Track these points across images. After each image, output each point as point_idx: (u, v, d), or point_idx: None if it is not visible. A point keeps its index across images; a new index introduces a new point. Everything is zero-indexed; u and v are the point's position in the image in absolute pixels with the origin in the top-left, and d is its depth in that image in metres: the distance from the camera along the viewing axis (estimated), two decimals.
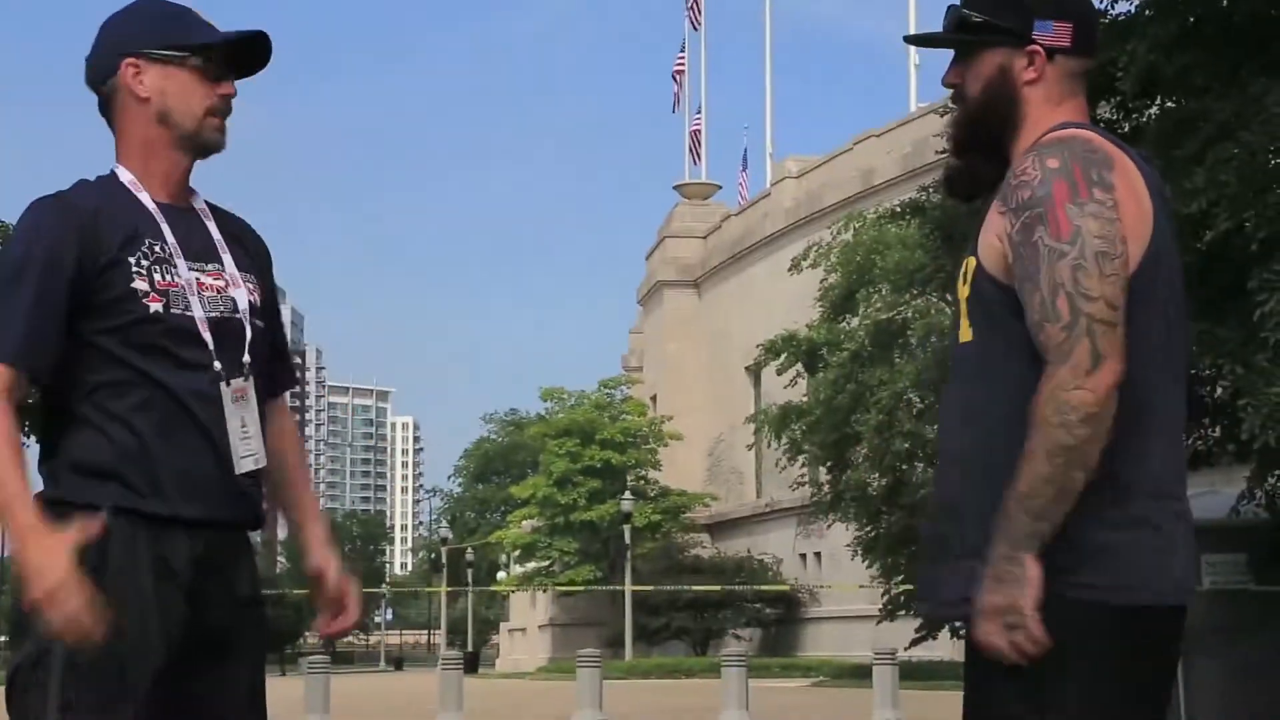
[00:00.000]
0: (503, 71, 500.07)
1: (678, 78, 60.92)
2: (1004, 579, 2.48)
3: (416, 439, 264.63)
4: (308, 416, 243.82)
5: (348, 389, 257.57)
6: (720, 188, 64.63)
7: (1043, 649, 2.47)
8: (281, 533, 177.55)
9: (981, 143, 2.77)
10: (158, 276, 2.83)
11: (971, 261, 2.66)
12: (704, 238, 60.05)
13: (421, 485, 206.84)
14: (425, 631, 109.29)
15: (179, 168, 2.94)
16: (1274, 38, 9.60)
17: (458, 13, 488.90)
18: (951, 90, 2.81)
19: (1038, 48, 2.70)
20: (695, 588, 44.80)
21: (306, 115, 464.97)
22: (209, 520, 2.82)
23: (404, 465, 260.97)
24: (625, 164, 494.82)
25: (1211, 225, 8.89)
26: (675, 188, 63.67)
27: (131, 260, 2.82)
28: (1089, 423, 2.45)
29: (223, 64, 2.93)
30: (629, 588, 43.49)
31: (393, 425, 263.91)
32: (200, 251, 2.92)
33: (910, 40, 2.98)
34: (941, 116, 14.74)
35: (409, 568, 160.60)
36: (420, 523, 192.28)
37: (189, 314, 2.85)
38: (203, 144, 2.94)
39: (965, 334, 2.67)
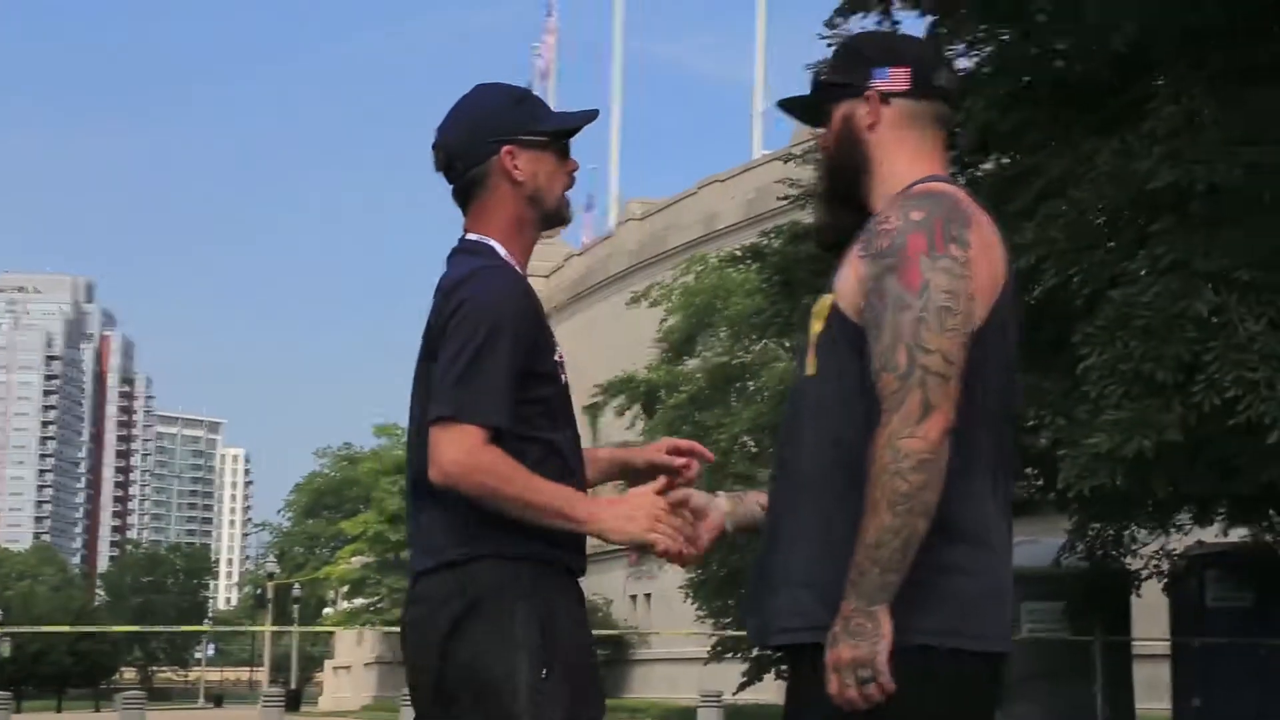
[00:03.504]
0: (343, 96, 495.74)
1: None
2: (857, 632, 2.52)
3: (247, 471, 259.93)
4: (134, 446, 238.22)
5: (177, 419, 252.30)
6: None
7: (886, 698, 2.52)
8: (102, 565, 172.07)
9: (841, 193, 2.87)
10: (557, 348, 3.09)
11: (828, 299, 2.73)
12: (547, 276, 60.05)
13: (250, 519, 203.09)
14: (248, 668, 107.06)
15: (533, 243, 3.14)
16: (1105, 98, 9.89)
17: (302, 38, 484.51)
18: (816, 144, 2.97)
19: (873, 92, 2.81)
20: None
21: (139, 138, 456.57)
22: (583, 570, 3.01)
23: (233, 498, 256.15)
24: None
25: (1039, 280, 9.11)
26: None
27: (550, 332, 3.06)
28: (922, 469, 2.52)
29: (568, 142, 3.13)
30: None
31: (222, 457, 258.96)
32: None
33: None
34: (785, 164, 14.93)
35: (234, 603, 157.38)
36: (247, 557, 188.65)
37: (566, 381, 3.15)
38: (560, 220, 3.16)
39: (811, 369, 2.73)
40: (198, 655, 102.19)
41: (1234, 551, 13.98)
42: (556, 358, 3.06)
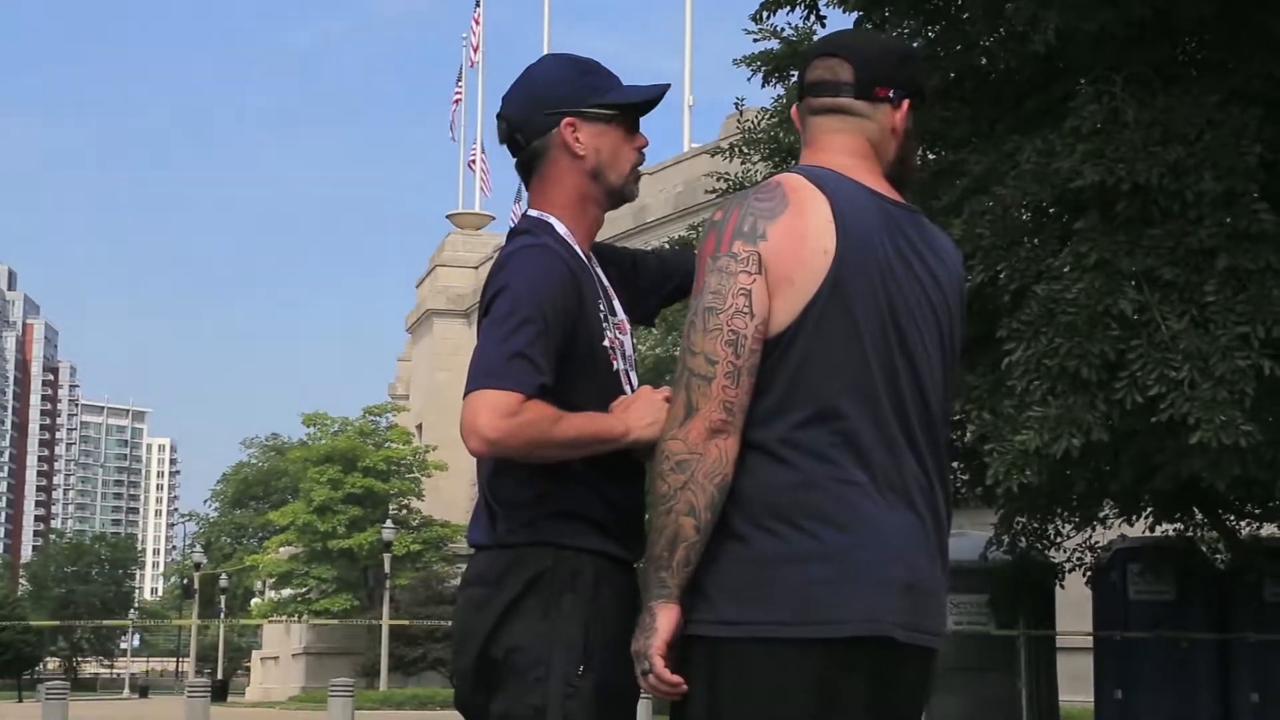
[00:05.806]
0: (276, 89, 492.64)
1: (455, 107, 60.58)
2: (639, 626, 2.63)
3: (173, 461, 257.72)
4: (58, 435, 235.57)
5: (102, 408, 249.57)
6: (494, 219, 64.54)
7: (677, 690, 2.60)
8: (25, 555, 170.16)
9: None
10: (609, 333, 2.96)
11: None
12: (476, 268, 59.89)
13: (176, 509, 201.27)
14: (174, 659, 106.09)
15: (599, 221, 3.06)
16: (1027, 96, 9.94)
17: (234, 25, 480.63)
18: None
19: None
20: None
21: (70, 126, 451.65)
22: (638, 557, 2.95)
23: (159, 488, 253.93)
24: (400, 191, 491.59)
25: (968, 276, 9.13)
26: (449, 217, 63.40)
27: (599, 316, 2.93)
28: (680, 470, 2.57)
29: (637, 118, 3.04)
30: (386, 620, 42.88)
31: (148, 446, 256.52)
32: (606, 301, 3.01)
33: None
34: (713, 157, 14.93)
35: (160, 593, 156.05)
36: (173, 547, 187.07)
37: (619, 369, 2.99)
38: (624, 198, 3.05)
39: None
40: (123, 646, 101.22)
41: (1156, 546, 14.13)
42: (605, 343, 2.95)
